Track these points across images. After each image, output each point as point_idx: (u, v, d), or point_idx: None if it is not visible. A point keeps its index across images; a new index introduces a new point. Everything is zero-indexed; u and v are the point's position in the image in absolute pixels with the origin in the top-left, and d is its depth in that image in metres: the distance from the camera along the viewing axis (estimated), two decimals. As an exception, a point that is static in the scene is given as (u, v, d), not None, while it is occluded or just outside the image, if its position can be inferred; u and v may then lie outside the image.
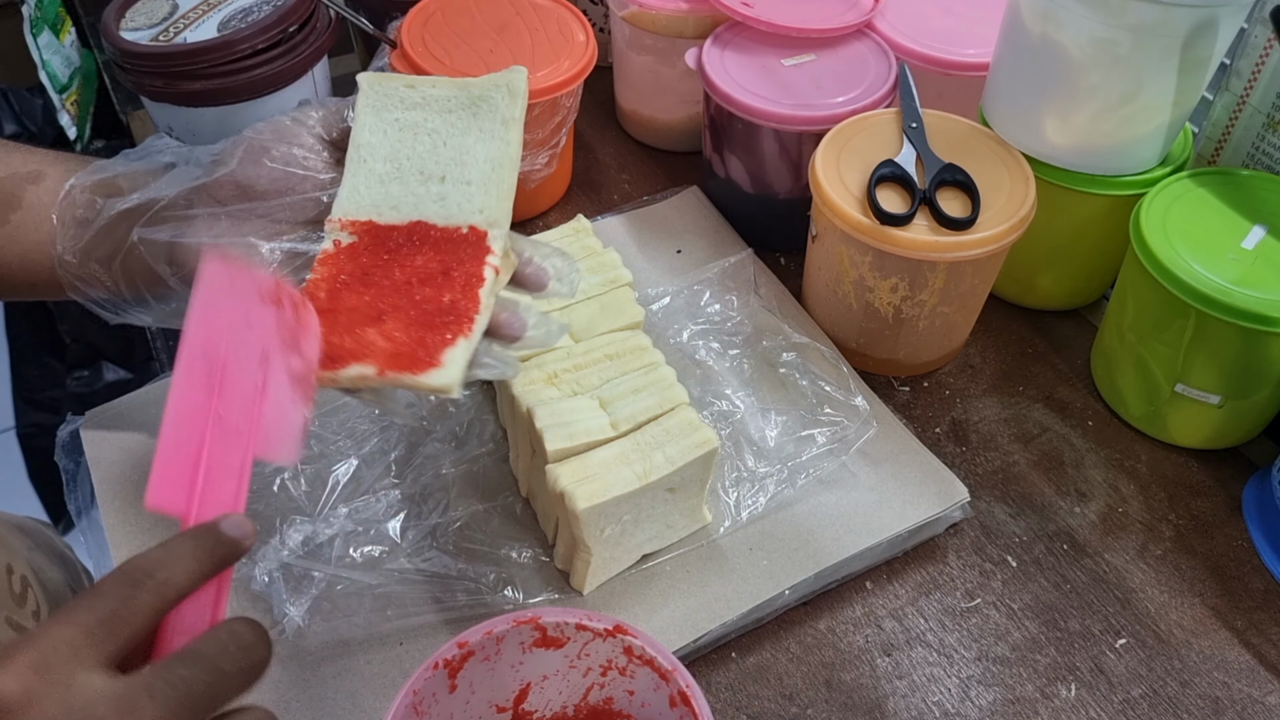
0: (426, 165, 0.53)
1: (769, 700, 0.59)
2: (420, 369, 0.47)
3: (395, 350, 0.47)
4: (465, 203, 0.52)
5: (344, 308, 0.49)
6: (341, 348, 0.47)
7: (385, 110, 0.54)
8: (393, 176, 0.53)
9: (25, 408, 1.68)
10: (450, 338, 0.48)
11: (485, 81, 0.55)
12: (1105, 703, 0.60)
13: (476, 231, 0.51)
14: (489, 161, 0.53)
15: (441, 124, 0.54)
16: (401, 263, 0.50)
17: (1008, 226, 0.67)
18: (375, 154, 0.53)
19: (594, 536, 0.58)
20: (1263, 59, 0.69)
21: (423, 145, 0.54)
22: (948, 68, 0.80)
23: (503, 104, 0.54)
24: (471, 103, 0.54)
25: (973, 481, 0.70)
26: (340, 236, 0.51)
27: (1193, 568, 0.66)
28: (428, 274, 0.50)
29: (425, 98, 0.54)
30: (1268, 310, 0.62)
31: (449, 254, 0.50)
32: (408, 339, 0.48)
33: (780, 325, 0.75)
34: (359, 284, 0.49)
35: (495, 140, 0.54)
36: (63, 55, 0.98)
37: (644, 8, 0.85)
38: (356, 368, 0.47)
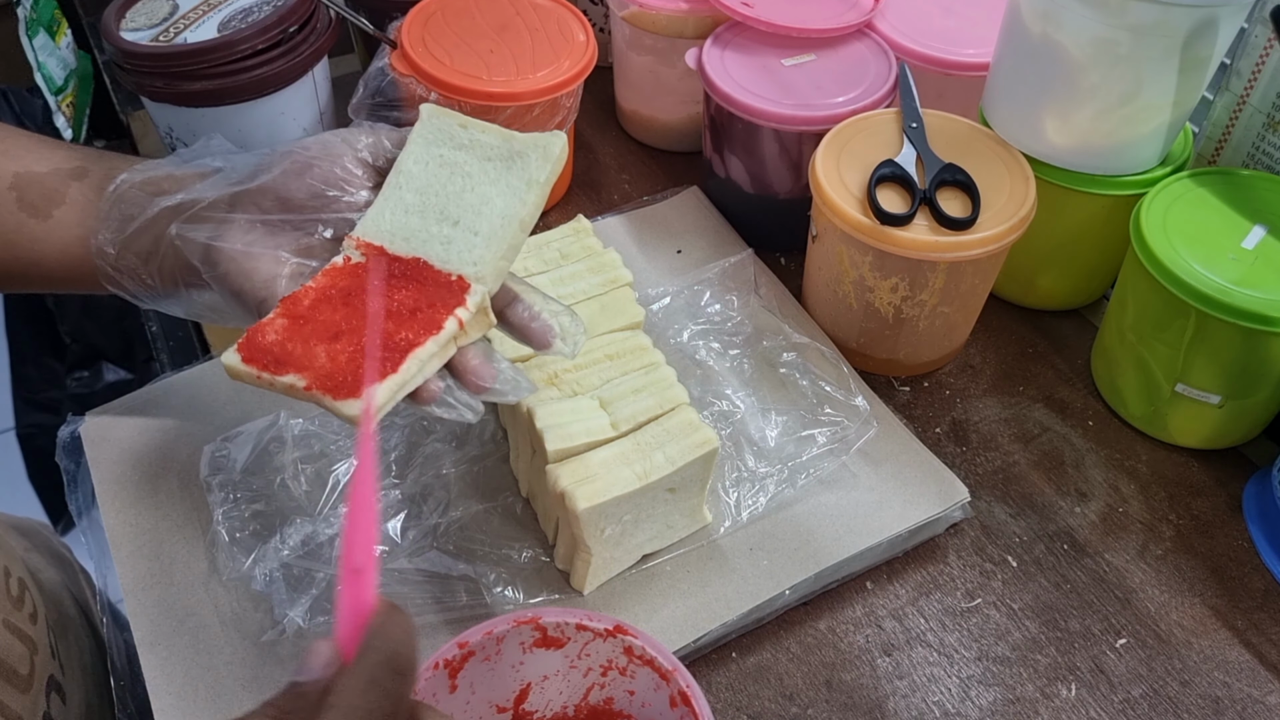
0: (448, 206, 0.54)
1: (769, 700, 0.59)
2: (340, 395, 0.47)
3: (328, 371, 0.48)
4: (465, 252, 0.53)
5: (314, 319, 0.49)
6: (287, 353, 0.48)
7: (434, 144, 0.55)
8: (416, 209, 0.54)
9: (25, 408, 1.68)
10: (379, 373, 0.48)
11: (529, 139, 0.55)
12: (1105, 703, 0.60)
13: (462, 282, 0.52)
14: (502, 218, 0.53)
15: (477, 170, 0.55)
16: (386, 292, 0.51)
17: (1008, 226, 0.67)
18: (411, 183, 0.54)
19: (594, 536, 0.58)
20: (1263, 59, 0.69)
21: (454, 186, 0.54)
22: (948, 68, 0.80)
23: (534, 164, 0.54)
24: (509, 155, 0.55)
25: (973, 481, 0.70)
26: (352, 254, 0.52)
27: (1193, 568, 0.66)
28: (399, 310, 0.50)
29: (472, 140, 0.55)
30: (1268, 310, 0.62)
31: (427, 296, 0.51)
32: (346, 364, 0.48)
33: (780, 325, 0.75)
34: (340, 302, 0.50)
35: (514, 198, 0.54)
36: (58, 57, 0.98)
37: (644, 8, 0.85)
38: (291, 377, 0.48)
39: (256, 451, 0.66)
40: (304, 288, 0.50)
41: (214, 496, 0.64)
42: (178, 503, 0.65)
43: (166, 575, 0.62)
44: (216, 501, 0.63)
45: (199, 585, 0.62)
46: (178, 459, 0.67)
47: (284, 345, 0.48)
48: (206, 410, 0.70)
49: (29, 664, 0.57)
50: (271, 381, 0.48)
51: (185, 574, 0.62)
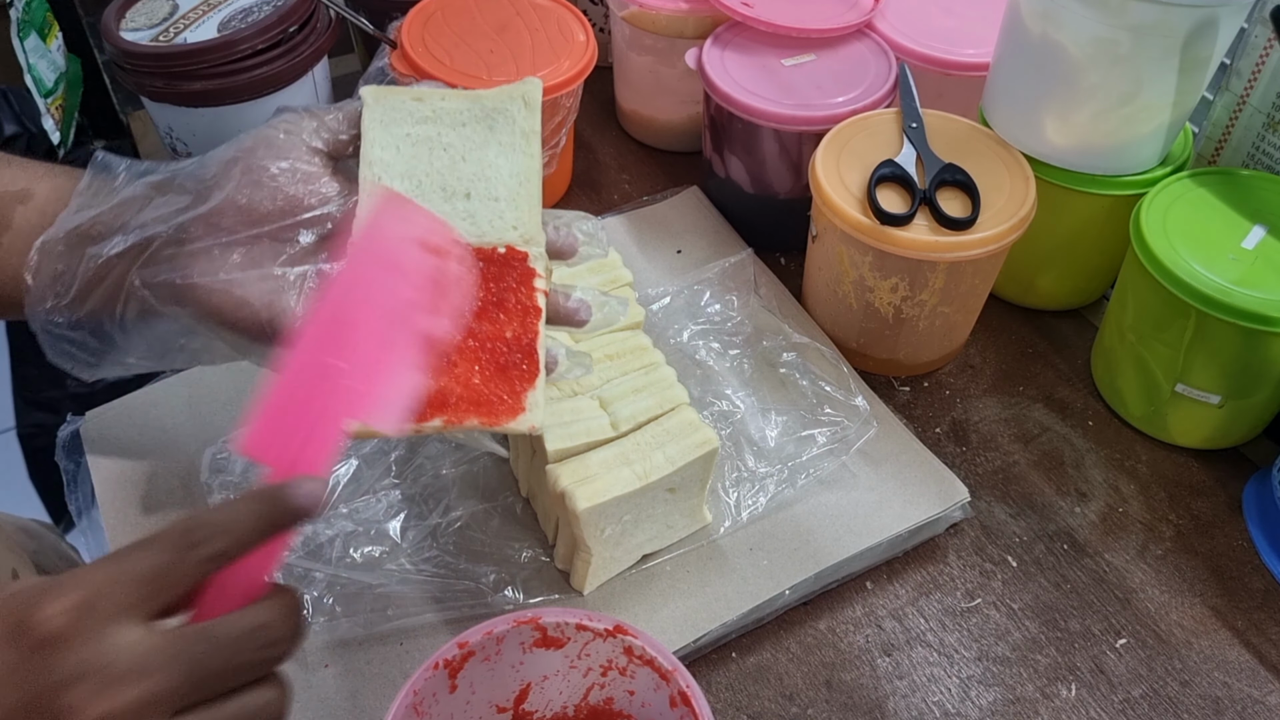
0: (448, 181, 0.51)
1: (769, 700, 0.59)
2: (506, 415, 0.46)
3: (476, 398, 0.46)
4: (496, 219, 0.50)
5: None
6: (420, 399, 0.45)
7: (394, 125, 0.52)
8: (413, 194, 0.50)
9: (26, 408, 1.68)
10: (526, 379, 0.47)
11: (499, 94, 0.53)
12: (1105, 703, 0.60)
13: (515, 252, 0.49)
14: (514, 176, 0.51)
15: (456, 138, 0.52)
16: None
17: (1008, 226, 0.67)
18: (390, 171, 0.51)
19: (594, 536, 0.58)
20: (1263, 59, 0.69)
21: (440, 161, 0.51)
22: (948, 68, 0.80)
23: (520, 117, 0.52)
24: (486, 116, 0.52)
25: (973, 481, 0.70)
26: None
27: (1193, 568, 0.66)
28: (481, 305, 0.48)
29: (435, 111, 0.52)
30: (1268, 310, 0.62)
31: (493, 279, 0.48)
32: (485, 386, 0.46)
33: (780, 325, 0.75)
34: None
35: (517, 154, 0.52)
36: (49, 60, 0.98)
37: (644, 8, 0.85)
38: (437, 420, 0.45)
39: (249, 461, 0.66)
40: None
41: (214, 498, 0.64)
42: (178, 503, 0.65)
43: (166, 575, 0.62)
44: (216, 502, 0.63)
45: (199, 585, 0.61)
46: (178, 459, 0.67)
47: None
48: (206, 410, 0.70)
49: None
50: (419, 429, 0.45)
51: (185, 574, 0.62)
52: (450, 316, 0.44)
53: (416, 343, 0.42)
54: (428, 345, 0.42)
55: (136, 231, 0.49)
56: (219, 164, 0.50)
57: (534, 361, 0.47)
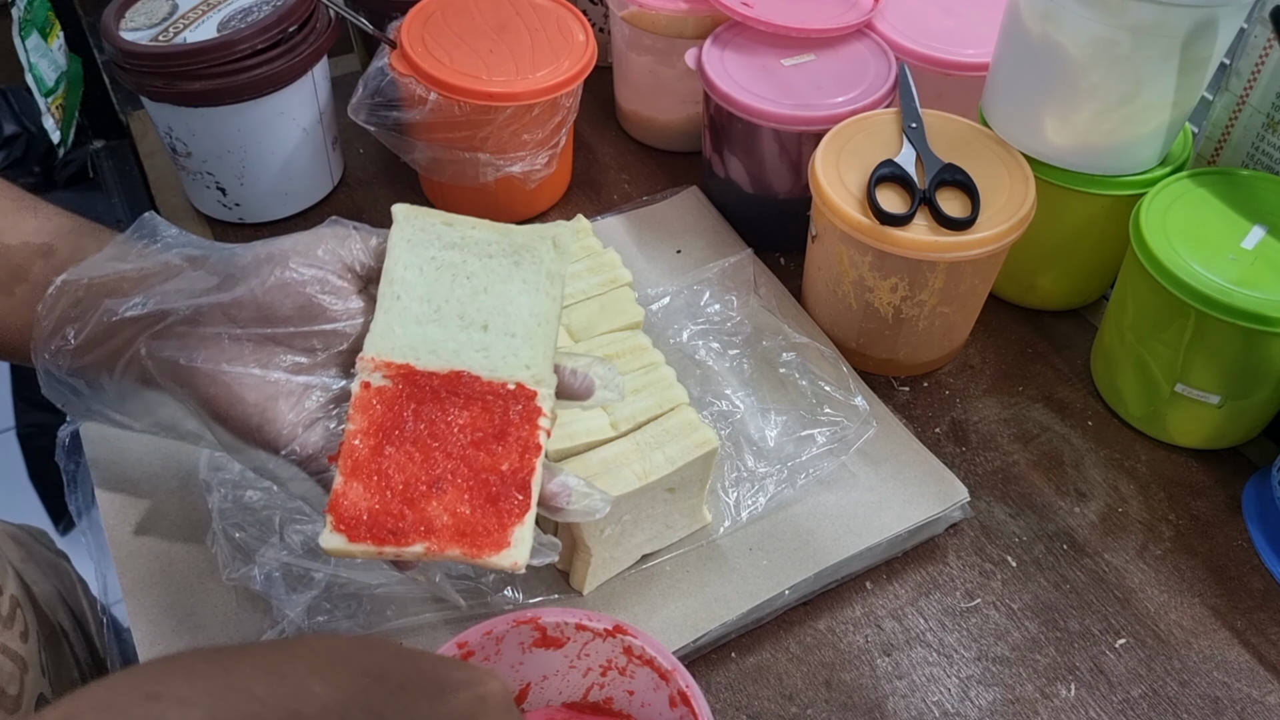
0: (467, 310, 0.50)
1: (769, 700, 0.59)
2: (490, 549, 0.45)
3: (461, 528, 0.46)
4: (511, 356, 0.49)
5: (396, 470, 0.46)
6: (404, 520, 0.45)
7: (421, 246, 0.51)
8: (430, 318, 0.49)
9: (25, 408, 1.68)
10: (515, 514, 0.46)
11: (530, 232, 0.52)
12: (1105, 703, 0.60)
13: (524, 390, 0.49)
14: (534, 316, 0.51)
15: (481, 269, 0.51)
16: (447, 418, 0.48)
17: (1007, 226, 0.67)
18: (411, 292, 0.50)
19: (594, 536, 0.58)
20: (1262, 59, 0.69)
21: (462, 289, 0.50)
22: (947, 68, 0.80)
23: (548, 258, 0.52)
24: (514, 250, 0.52)
25: (972, 481, 0.70)
26: (372, 378, 0.48)
27: (1192, 568, 0.66)
28: (481, 436, 0.47)
29: (464, 238, 0.51)
30: (1267, 310, 0.62)
31: (498, 413, 0.48)
32: (472, 515, 0.46)
33: (780, 325, 0.75)
34: (407, 441, 0.47)
35: (540, 294, 0.51)
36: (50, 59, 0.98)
37: (644, 8, 0.85)
38: (419, 545, 0.45)
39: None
40: (349, 433, 0.46)
41: (214, 497, 0.64)
42: (178, 503, 0.65)
43: (166, 575, 0.62)
44: (216, 502, 0.63)
45: (199, 585, 0.61)
46: (178, 459, 0.67)
47: (385, 510, 0.45)
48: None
49: (19, 683, 0.57)
50: (398, 553, 0.45)
51: (185, 574, 0.62)
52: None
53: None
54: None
55: (156, 299, 0.49)
56: (253, 257, 0.49)
57: (527, 497, 0.47)
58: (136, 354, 0.48)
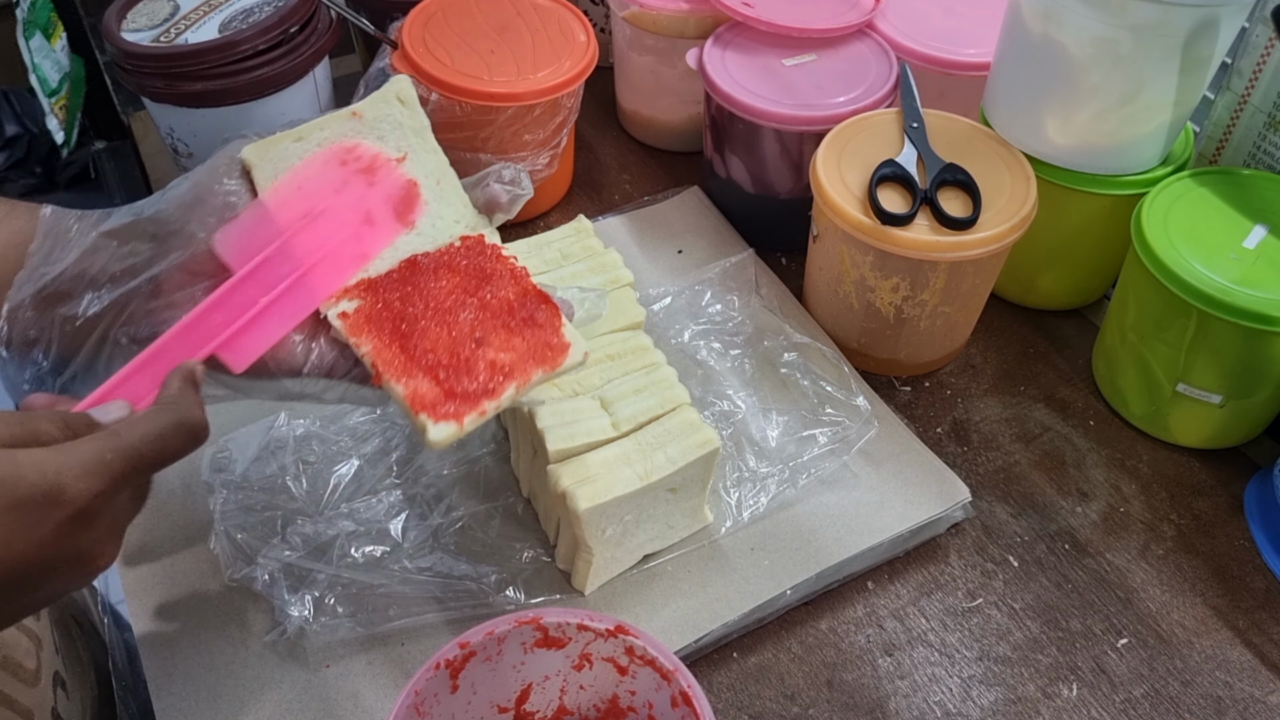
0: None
1: (770, 700, 0.59)
2: (560, 355, 0.48)
3: (527, 355, 0.48)
4: (438, 222, 0.50)
5: (439, 350, 0.47)
6: (479, 378, 0.47)
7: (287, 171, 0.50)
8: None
9: (27, 408, 1.68)
10: (553, 320, 0.49)
11: (374, 101, 0.52)
12: (1107, 702, 0.60)
13: (470, 239, 0.50)
14: (430, 177, 0.51)
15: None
16: (434, 294, 0.49)
17: (1009, 226, 0.67)
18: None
19: (595, 537, 0.58)
20: (1264, 58, 0.69)
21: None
22: (948, 68, 0.80)
23: (403, 116, 0.52)
24: (371, 128, 0.51)
25: (974, 481, 0.70)
26: (344, 307, 0.48)
27: (1194, 567, 0.66)
28: (473, 288, 0.48)
29: (320, 143, 0.50)
30: (1269, 310, 0.62)
31: (468, 266, 0.49)
32: (525, 342, 0.48)
33: (781, 325, 0.75)
34: (422, 328, 0.48)
35: (419, 154, 0.51)
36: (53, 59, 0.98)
37: (645, 8, 0.85)
38: (510, 387, 0.47)
39: (258, 453, 0.66)
40: (368, 357, 0.47)
41: (215, 498, 0.64)
42: (178, 504, 0.65)
43: (167, 576, 0.62)
44: (218, 503, 0.63)
45: (199, 586, 0.62)
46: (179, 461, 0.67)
47: (460, 381, 0.47)
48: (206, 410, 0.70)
49: (35, 658, 0.57)
50: (498, 407, 0.47)
51: (186, 575, 0.62)
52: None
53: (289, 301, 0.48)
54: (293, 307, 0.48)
55: (108, 288, 0.47)
56: (177, 206, 0.48)
57: (550, 304, 0.49)
58: (117, 345, 0.48)
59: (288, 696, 0.57)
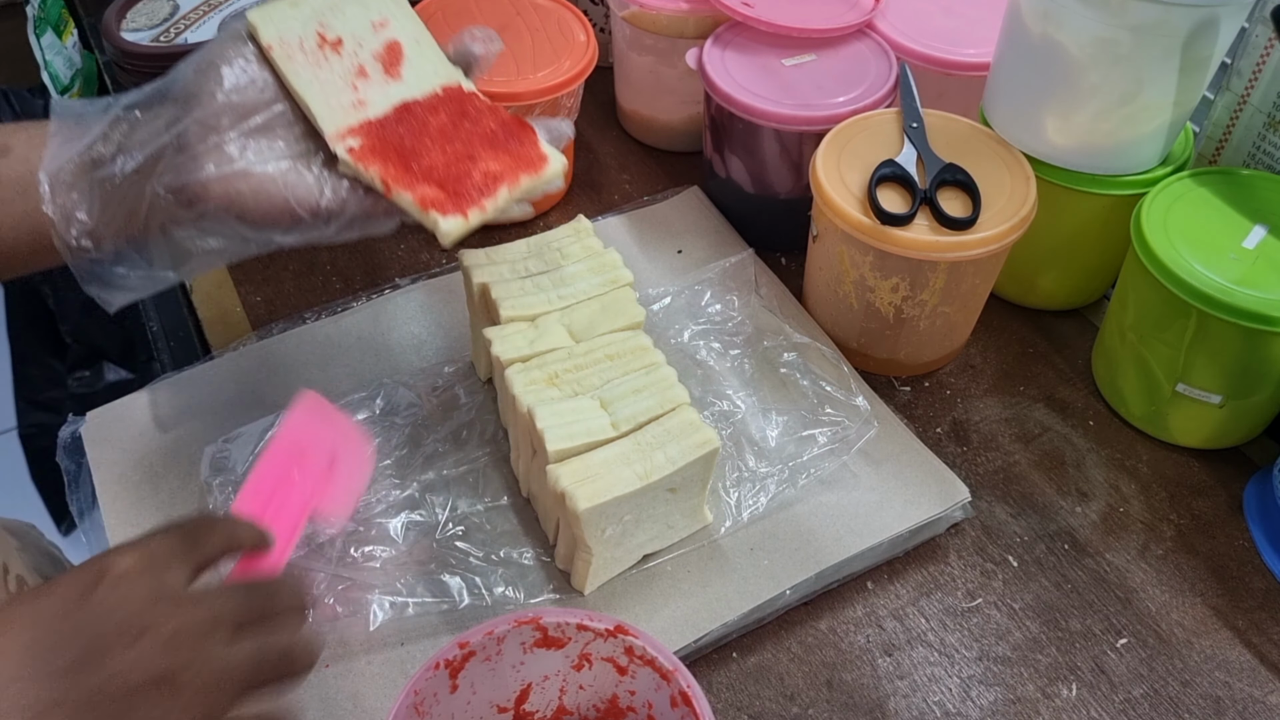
0: (366, 63, 0.56)
1: (770, 700, 0.59)
2: (542, 165, 0.55)
3: (515, 165, 0.54)
4: (421, 75, 0.56)
5: (438, 164, 0.53)
6: (475, 183, 0.53)
7: (290, 34, 0.55)
8: (345, 82, 0.55)
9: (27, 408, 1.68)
10: (531, 138, 0.55)
11: None
12: (1106, 702, 0.60)
13: (449, 88, 0.56)
14: (410, 37, 0.57)
15: (343, 26, 0.57)
16: (428, 127, 0.55)
17: (1009, 226, 0.67)
18: (315, 72, 0.55)
19: (595, 537, 0.58)
20: (1263, 58, 0.69)
21: (348, 49, 0.57)
22: (948, 68, 0.80)
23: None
24: (350, 0, 0.58)
25: (974, 481, 0.70)
26: (350, 142, 0.53)
27: (1194, 567, 0.66)
28: (458, 120, 0.55)
29: (314, 9, 0.57)
30: (1269, 310, 0.62)
31: (451, 107, 0.56)
32: (511, 156, 0.54)
33: (781, 325, 0.75)
34: (422, 149, 0.54)
35: (401, 21, 0.58)
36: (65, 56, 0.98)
37: (644, 8, 0.85)
38: (503, 189, 0.53)
39: (258, 452, 0.66)
40: (378, 176, 0.52)
41: (214, 498, 0.64)
42: (178, 503, 0.65)
43: (167, 575, 0.62)
44: (218, 503, 0.63)
45: (200, 585, 0.62)
46: (178, 459, 0.67)
47: (460, 185, 0.53)
48: (207, 410, 0.70)
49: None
50: (496, 206, 0.53)
51: (186, 574, 0.62)
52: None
53: (340, 479, 0.54)
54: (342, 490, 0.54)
55: (139, 148, 0.51)
56: (193, 71, 0.52)
57: (527, 127, 0.56)
58: (155, 199, 0.51)
59: (287, 696, 0.57)
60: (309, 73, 0.54)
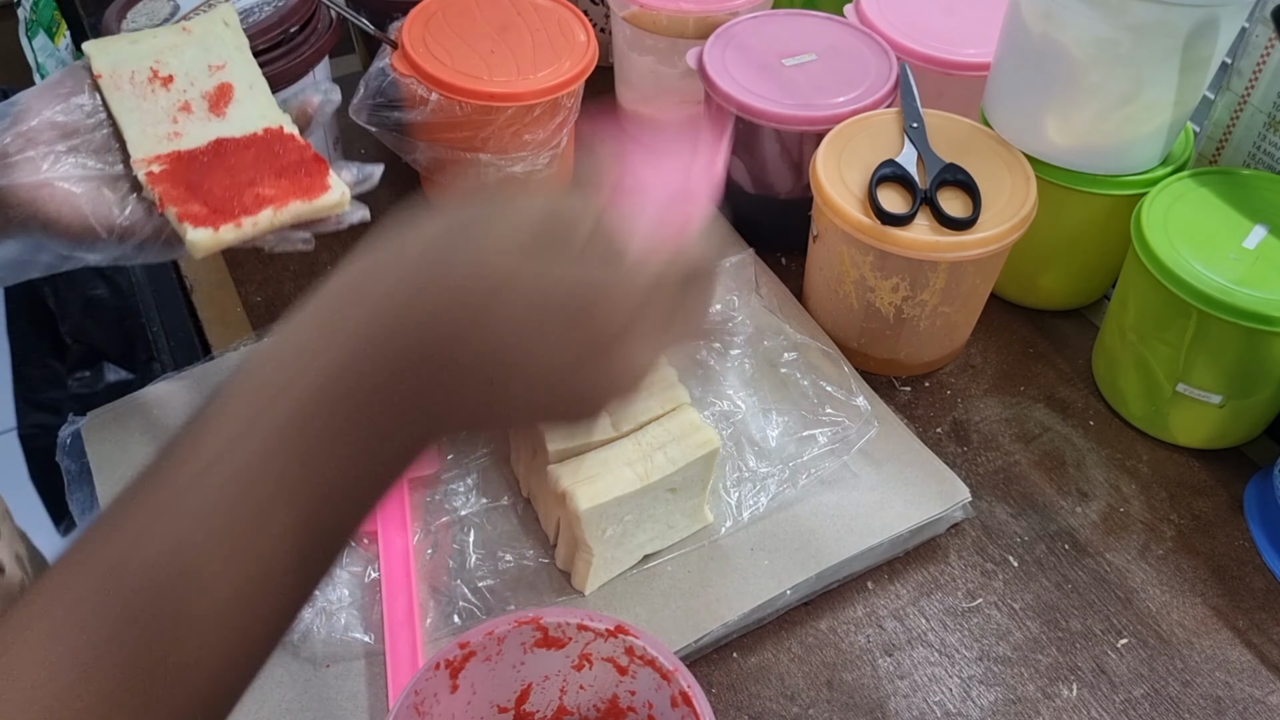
0: (192, 99, 0.59)
1: (770, 700, 0.59)
2: (318, 193, 0.56)
3: (289, 190, 0.55)
4: (246, 116, 0.59)
5: (216, 186, 0.55)
6: (241, 202, 0.55)
7: (124, 66, 0.58)
8: (167, 115, 0.58)
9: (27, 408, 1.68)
10: (319, 169, 0.57)
11: (201, 21, 0.62)
12: (1107, 703, 0.60)
13: (270, 129, 0.59)
14: (244, 82, 0.60)
15: (179, 65, 0.60)
16: (226, 158, 0.57)
17: (1009, 226, 0.67)
18: (140, 102, 0.58)
19: (595, 537, 0.58)
20: (1264, 58, 0.69)
21: (178, 84, 0.60)
22: (948, 67, 0.80)
23: (228, 36, 0.62)
24: (198, 41, 0.61)
25: (974, 481, 0.70)
26: (152, 168, 0.55)
27: (1194, 567, 0.66)
28: (259, 156, 0.57)
29: (153, 48, 0.60)
30: (1269, 310, 0.62)
31: (263, 145, 0.58)
32: (292, 183, 0.56)
33: (781, 325, 0.75)
34: (207, 176, 0.56)
35: (239, 63, 0.61)
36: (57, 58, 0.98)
37: (645, 8, 0.85)
38: (268, 210, 0.54)
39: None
40: (159, 196, 0.54)
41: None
42: (179, 503, 0.65)
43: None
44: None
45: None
46: (179, 459, 0.67)
47: (224, 202, 0.54)
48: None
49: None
50: (255, 224, 0.54)
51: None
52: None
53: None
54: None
55: None
56: (32, 92, 0.56)
57: (322, 161, 0.57)
58: None
59: (288, 696, 0.57)
60: (132, 103, 0.57)
